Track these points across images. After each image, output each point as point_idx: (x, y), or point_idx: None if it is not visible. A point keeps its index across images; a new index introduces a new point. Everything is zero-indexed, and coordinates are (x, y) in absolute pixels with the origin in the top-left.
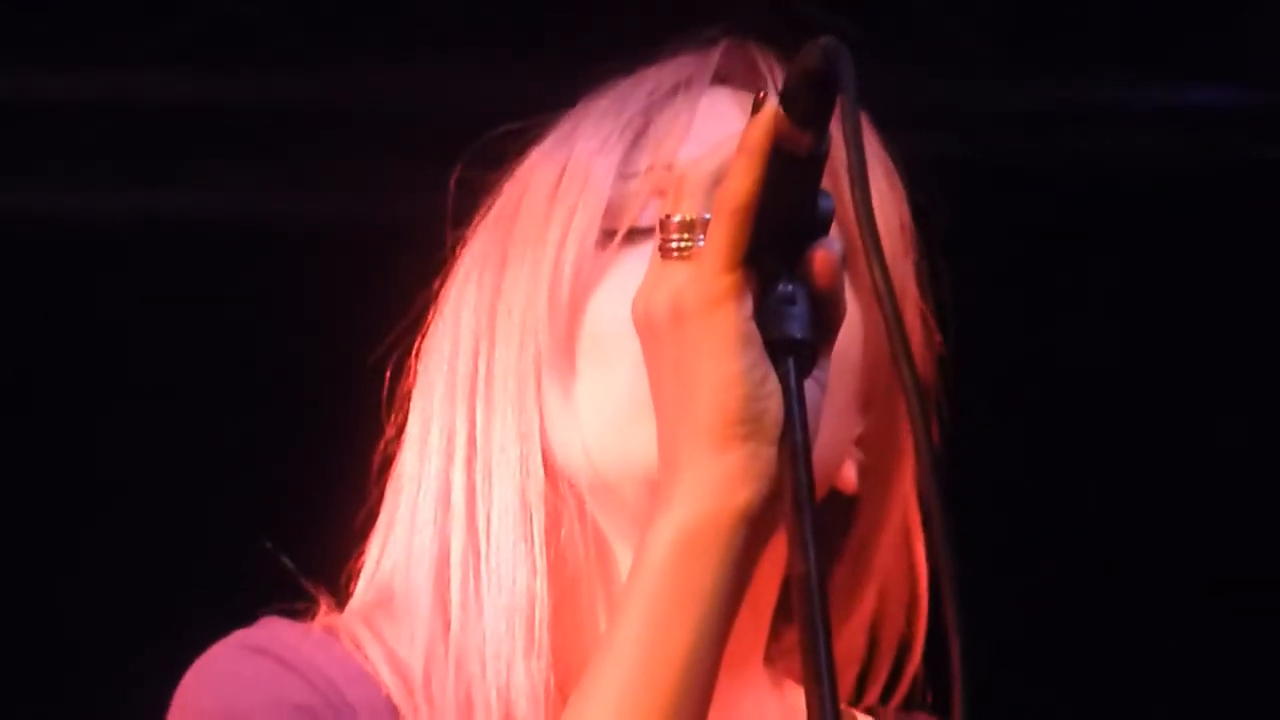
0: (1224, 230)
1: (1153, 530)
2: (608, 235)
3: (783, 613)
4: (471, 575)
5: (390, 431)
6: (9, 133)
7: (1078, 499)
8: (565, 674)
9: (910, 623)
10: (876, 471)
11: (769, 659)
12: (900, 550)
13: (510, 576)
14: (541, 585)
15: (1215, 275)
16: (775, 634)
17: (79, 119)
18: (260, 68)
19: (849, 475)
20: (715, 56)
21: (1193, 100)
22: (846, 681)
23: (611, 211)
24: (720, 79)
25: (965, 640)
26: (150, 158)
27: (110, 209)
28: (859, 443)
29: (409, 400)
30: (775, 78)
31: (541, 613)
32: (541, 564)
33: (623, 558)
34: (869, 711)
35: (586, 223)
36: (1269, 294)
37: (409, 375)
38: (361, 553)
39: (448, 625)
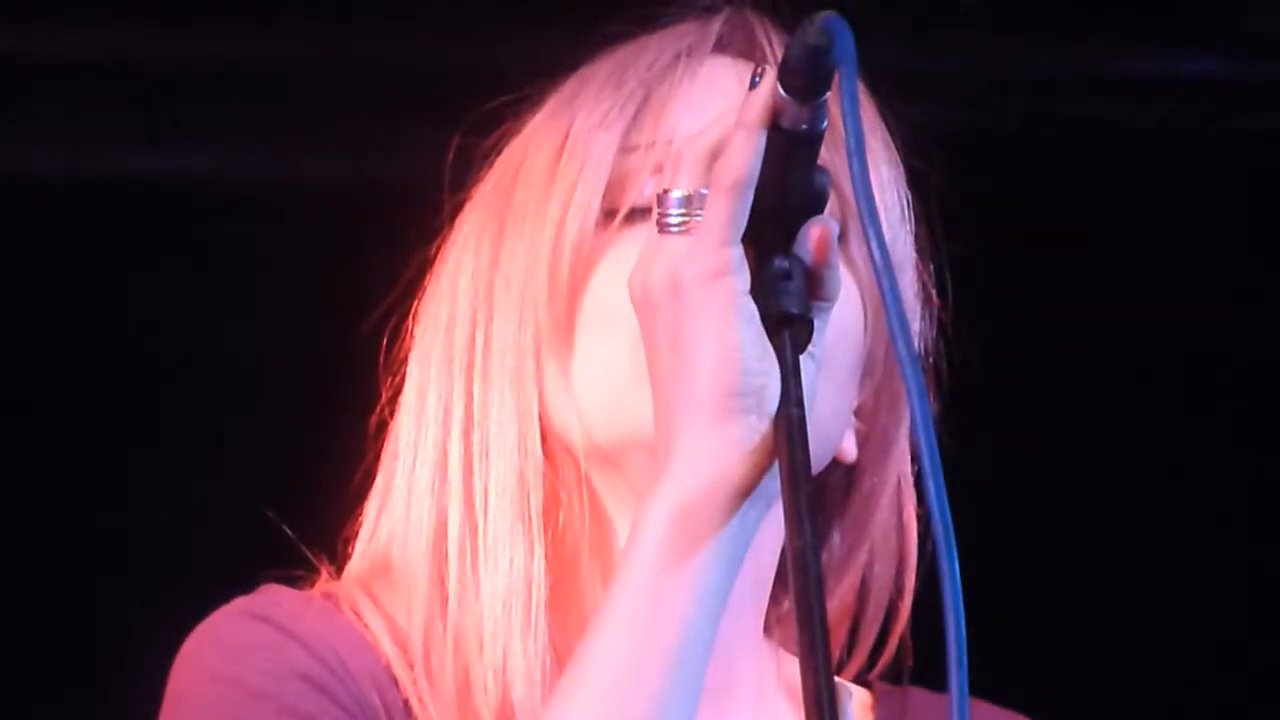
0: (1215, 198)
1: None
2: (608, 215)
3: (783, 581)
4: (469, 554)
5: (386, 395)
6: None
7: (1076, 467)
8: (562, 653)
9: (899, 583)
10: (876, 439)
11: (768, 627)
12: (892, 510)
13: (507, 558)
14: (538, 567)
15: (1206, 241)
16: (774, 601)
17: (64, 78)
18: (258, 27)
19: (849, 446)
20: (715, 25)
21: (1185, 69)
22: (837, 639)
23: (612, 190)
24: (720, 48)
25: (956, 604)
26: (141, 117)
27: (102, 167)
28: (858, 413)
29: (405, 364)
30: (774, 47)
31: (538, 595)
32: (539, 545)
33: (622, 533)
34: (862, 683)
35: (587, 202)
36: (1259, 261)
37: (405, 339)
38: (359, 516)
39: (445, 602)
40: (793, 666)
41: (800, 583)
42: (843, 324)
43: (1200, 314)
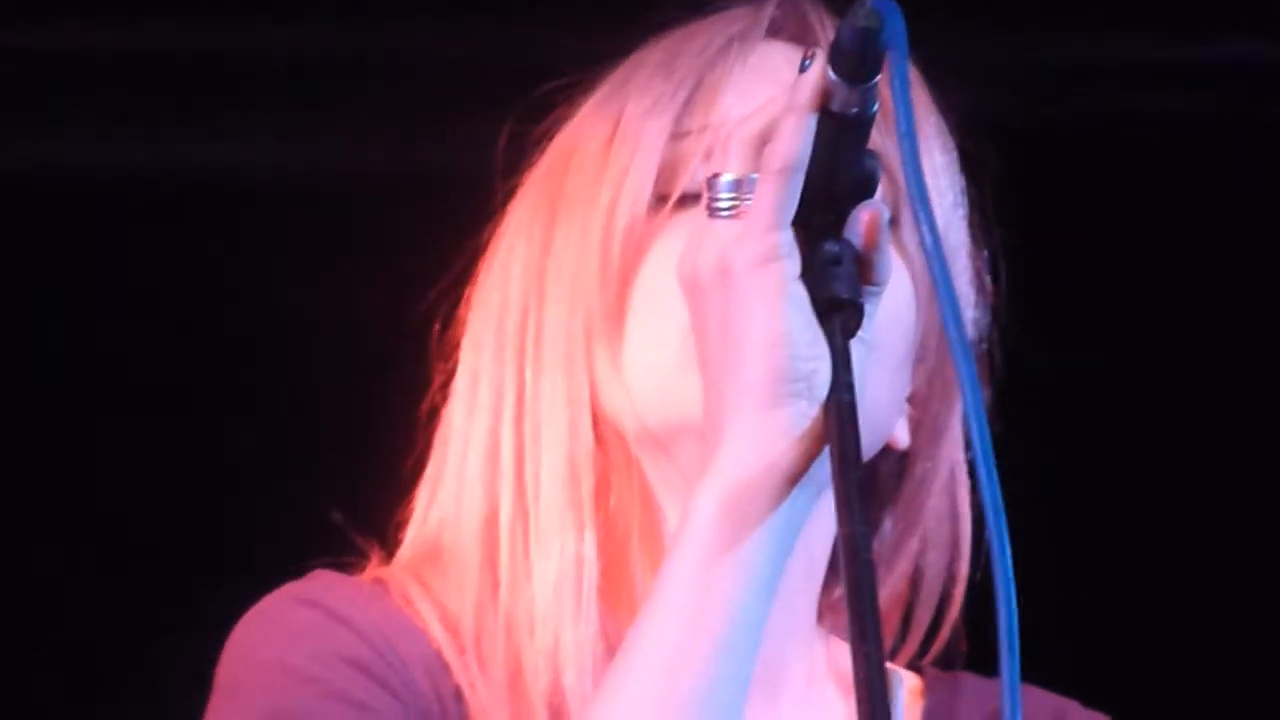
0: (1258, 186)
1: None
2: (660, 200)
3: (835, 568)
4: (520, 539)
5: (438, 381)
6: (32, 83)
7: (1128, 455)
8: (613, 639)
9: (952, 570)
10: (928, 426)
11: (820, 614)
12: (945, 497)
13: (558, 543)
14: (590, 551)
15: (1248, 231)
16: (826, 588)
17: (116, 70)
18: (312, 17)
19: (901, 433)
20: (768, 10)
21: (1226, 56)
22: (890, 626)
23: (664, 175)
24: (773, 33)
25: (1008, 592)
26: (192, 109)
27: (150, 162)
28: (911, 399)
29: (457, 351)
30: (826, 32)
31: (590, 578)
32: (590, 530)
33: (672, 519)
34: (912, 668)
35: (638, 188)
36: None
37: (457, 325)
38: (410, 502)
39: (496, 587)
40: (844, 653)
41: (851, 570)
42: (894, 309)
43: (1230, 307)
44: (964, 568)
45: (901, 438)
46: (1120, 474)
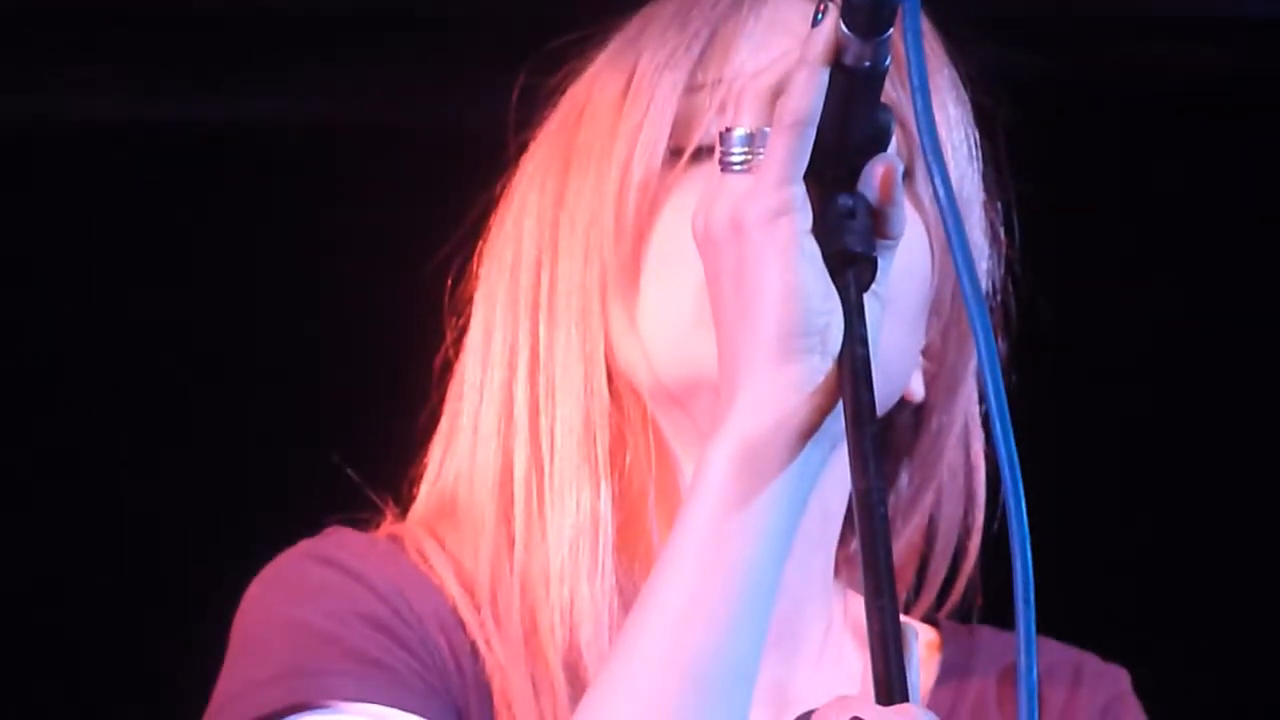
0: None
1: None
2: (674, 154)
3: (851, 522)
4: (535, 494)
5: (451, 336)
6: (69, 36)
7: (1142, 412)
8: (629, 594)
9: (967, 522)
10: (943, 379)
11: (836, 568)
12: (959, 449)
13: (574, 499)
14: (605, 506)
15: (1270, 186)
16: (843, 541)
17: (131, 23)
18: None
19: (916, 386)
20: None
21: (1247, 11)
22: (904, 579)
23: (677, 129)
24: None
25: (1023, 544)
26: (207, 63)
27: (169, 114)
28: (926, 352)
29: (470, 305)
30: None
31: (605, 534)
32: (605, 485)
33: (688, 474)
34: (929, 621)
35: (653, 141)
36: None
37: (470, 279)
38: (424, 457)
39: (512, 542)
40: (860, 607)
41: (865, 524)
42: (909, 263)
43: (1252, 262)
44: (979, 520)
45: (917, 391)
46: (1136, 426)
